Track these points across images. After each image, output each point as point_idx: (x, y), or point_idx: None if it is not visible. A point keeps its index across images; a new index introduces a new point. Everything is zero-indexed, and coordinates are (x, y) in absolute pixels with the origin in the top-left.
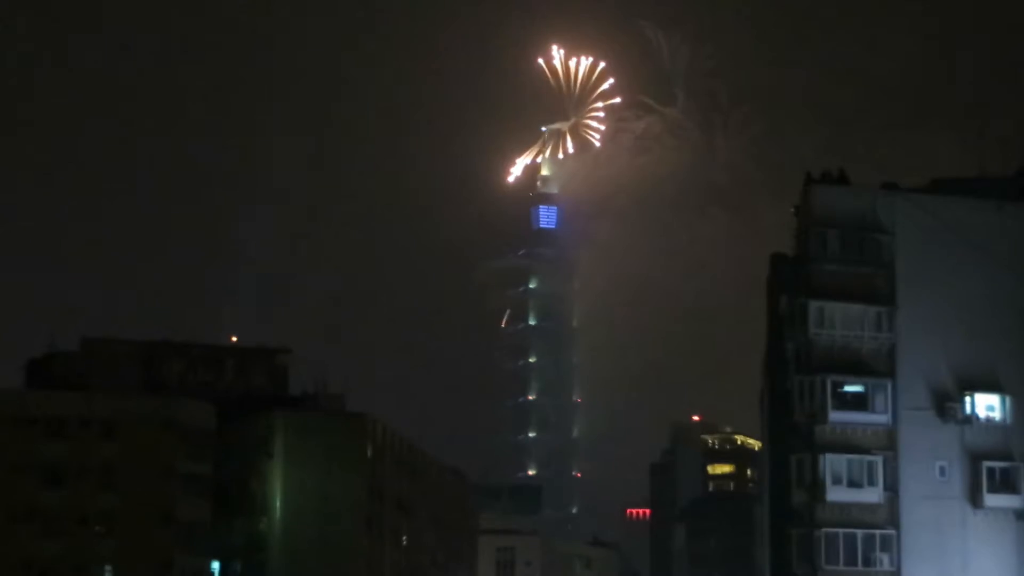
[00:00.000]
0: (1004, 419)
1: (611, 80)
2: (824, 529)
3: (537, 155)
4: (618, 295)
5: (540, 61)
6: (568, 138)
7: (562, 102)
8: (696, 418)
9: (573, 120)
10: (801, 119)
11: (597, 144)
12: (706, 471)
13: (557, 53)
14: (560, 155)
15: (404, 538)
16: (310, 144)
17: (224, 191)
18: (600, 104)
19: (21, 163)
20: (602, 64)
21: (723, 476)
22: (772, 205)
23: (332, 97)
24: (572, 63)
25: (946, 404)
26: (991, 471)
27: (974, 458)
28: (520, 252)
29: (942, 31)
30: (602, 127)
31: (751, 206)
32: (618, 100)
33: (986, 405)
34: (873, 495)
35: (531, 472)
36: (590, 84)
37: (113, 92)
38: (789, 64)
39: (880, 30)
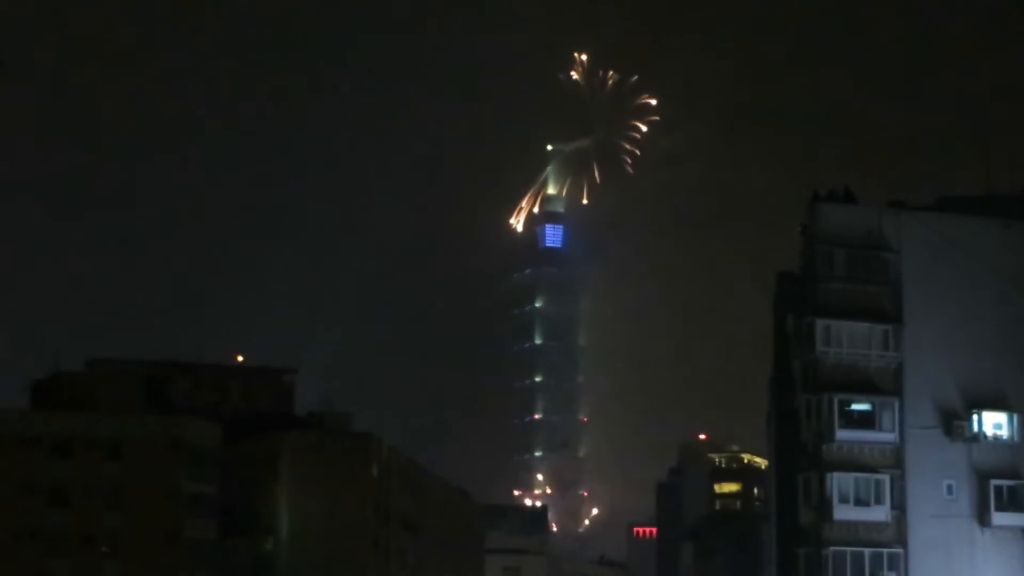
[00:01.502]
0: (1012, 437)
1: (651, 100)
2: (831, 548)
3: (534, 199)
4: (626, 313)
5: (561, 76)
6: (591, 156)
7: (586, 116)
8: (703, 437)
9: (599, 135)
10: (828, 135)
11: (628, 163)
12: (713, 490)
13: (580, 63)
14: (580, 174)
15: (410, 558)
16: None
17: (226, 208)
18: (638, 124)
19: (25, 183)
20: (635, 77)
21: (730, 495)
22: (792, 221)
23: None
24: (589, 79)
25: (953, 422)
26: (999, 489)
27: (982, 476)
28: (526, 271)
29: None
30: (634, 149)
31: (773, 223)
32: (656, 118)
33: (993, 423)
34: (880, 514)
35: (537, 491)
36: (621, 98)
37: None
38: (813, 80)
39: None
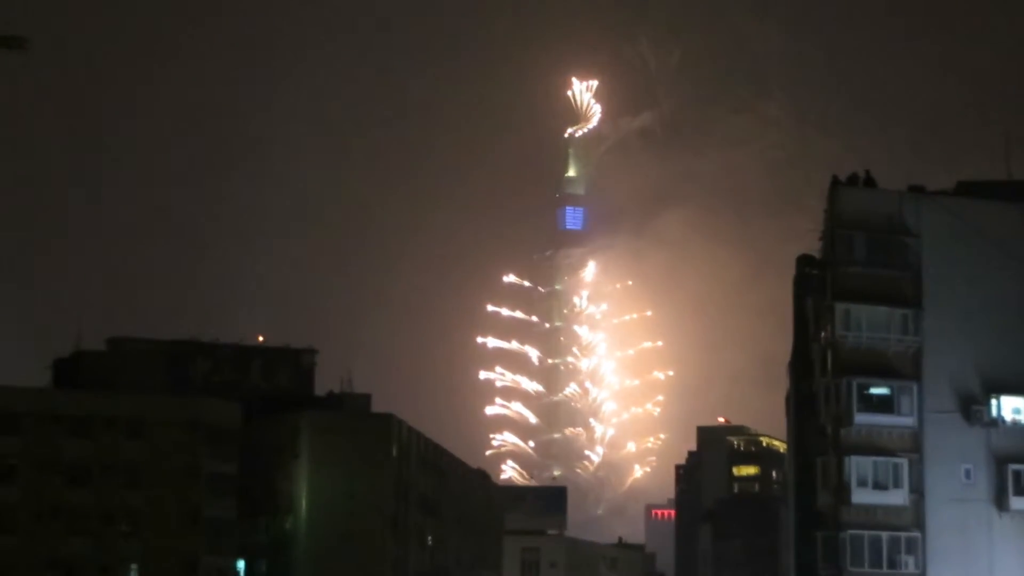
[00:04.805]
0: None
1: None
2: (849, 531)
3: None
4: (651, 295)
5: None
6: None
7: (652, 89)
8: (722, 420)
9: (658, 113)
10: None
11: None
12: (731, 473)
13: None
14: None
15: (429, 538)
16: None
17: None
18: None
19: (46, 164)
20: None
21: (748, 478)
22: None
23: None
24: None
25: (972, 407)
26: (1017, 474)
27: (1000, 461)
28: (546, 253)
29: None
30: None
31: (807, 206)
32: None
33: (1012, 408)
34: (898, 497)
35: (556, 473)
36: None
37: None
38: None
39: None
